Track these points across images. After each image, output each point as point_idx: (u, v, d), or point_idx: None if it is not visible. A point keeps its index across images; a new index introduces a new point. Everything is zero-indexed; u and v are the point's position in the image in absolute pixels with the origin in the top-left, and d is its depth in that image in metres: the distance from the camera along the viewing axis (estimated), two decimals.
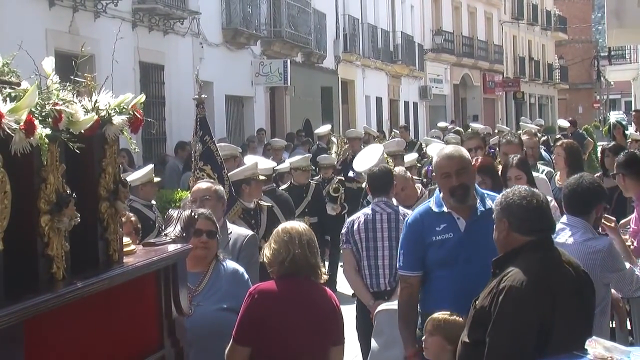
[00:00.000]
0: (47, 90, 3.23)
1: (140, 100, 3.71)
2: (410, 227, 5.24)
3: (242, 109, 21.87)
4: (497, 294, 3.89)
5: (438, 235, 5.08)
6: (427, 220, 5.15)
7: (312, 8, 24.79)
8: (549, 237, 4.13)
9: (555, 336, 3.81)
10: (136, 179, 9.44)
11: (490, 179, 6.55)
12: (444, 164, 5.09)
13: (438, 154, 5.28)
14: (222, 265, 5.19)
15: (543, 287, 3.87)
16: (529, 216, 4.03)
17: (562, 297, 3.89)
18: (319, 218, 11.19)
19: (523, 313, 3.83)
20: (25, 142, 2.89)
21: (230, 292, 4.99)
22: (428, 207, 5.20)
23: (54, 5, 13.91)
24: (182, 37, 18.13)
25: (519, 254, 3.99)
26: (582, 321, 3.95)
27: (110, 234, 3.57)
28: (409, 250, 5.21)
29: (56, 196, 3.13)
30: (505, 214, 4.08)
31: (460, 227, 5.05)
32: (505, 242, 4.09)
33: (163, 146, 17.36)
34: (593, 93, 61.14)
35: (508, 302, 3.83)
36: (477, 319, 4.00)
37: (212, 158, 7.40)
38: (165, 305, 3.95)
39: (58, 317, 3.06)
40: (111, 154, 3.59)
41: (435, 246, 5.07)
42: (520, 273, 3.88)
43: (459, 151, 5.23)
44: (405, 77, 34.60)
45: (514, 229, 4.05)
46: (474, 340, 3.99)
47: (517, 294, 3.83)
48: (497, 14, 46.52)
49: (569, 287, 3.94)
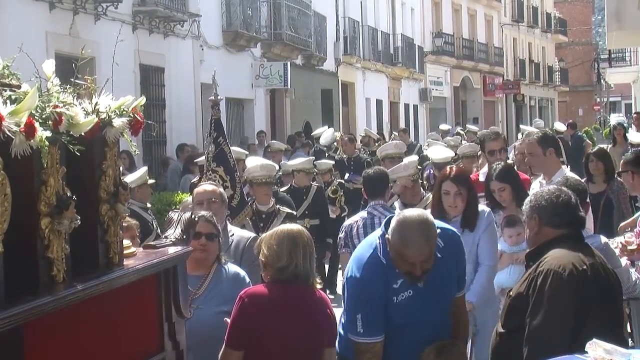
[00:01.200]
0: (48, 93, 3.23)
1: (141, 102, 3.71)
2: (366, 284, 4.38)
3: (242, 111, 21.87)
4: (535, 277, 3.99)
5: (398, 294, 4.37)
6: (381, 275, 4.36)
7: (313, 10, 24.80)
8: (580, 232, 4.25)
9: (589, 325, 3.85)
10: (131, 182, 9.43)
11: (466, 190, 6.11)
12: (411, 254, 4.23)
13: (401, 234, 4.23)
14: (224, 269, 5.16)
15: (581, 273, 3.95)
16: (558, 210, 4.17)
17: (597, 286, 3.97)
18: (320, 220, 11.19)
19: (562, 295, 3.91)
20: (25, 144, 2.89)
21: (231, 295, 4.88)
22: (377, 259, 4.38)
23: (54, 7, 13.92)
24: (183, 39, 18.13)
25: (551, 246, 4.10)
26: (615, 313, 4.05)
27: (111, 236, 3.57)
28: (369, 313, 4.37)
29: (56, 199, 3.13)
30: (536, 210, 4.20)
31: None
32: (537, 238, 4.20)
33: (163, 149, 17.37)
34: (593, 95, 61.16)
35: (547, 284, 3.93)
36: (514, 306, 4.09)
37: (225, 160, 7.33)
38: (165, 307, 3.94)
39: (58, 319, 3.05)
40: (111, 157, 3.58)
41: (395, 308, 4.37)
42: (557, 258, 4.00)
43: (429, 237, 4.24)
44: (405, 79, 34.61)
45: (545, 223, 4.17)
46: (512, 327, 4.06)
47: (555, 276, 3.93)
48: (497, 17, 46.53)
49: (603, 279, 4.03)
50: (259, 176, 8.57)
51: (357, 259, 4.47)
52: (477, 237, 6.09)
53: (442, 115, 38.60)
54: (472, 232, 6.07)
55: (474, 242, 6.07)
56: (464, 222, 6.08)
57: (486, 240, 6.13)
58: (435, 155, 11.53)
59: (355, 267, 4.43)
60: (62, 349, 3.14)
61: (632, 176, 7.03)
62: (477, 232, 6.10)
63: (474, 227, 6.09)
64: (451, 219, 5.98)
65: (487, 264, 6.10)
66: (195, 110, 18.61)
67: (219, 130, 7.42)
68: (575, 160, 20.91)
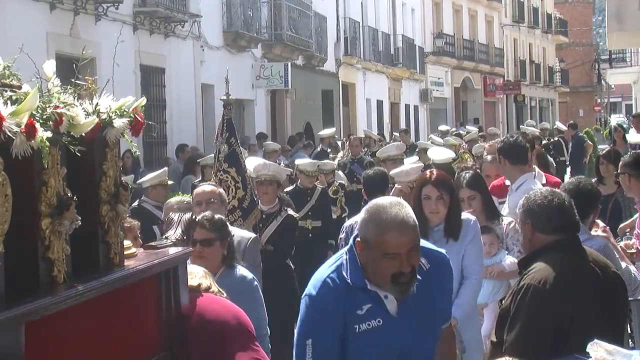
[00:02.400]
0: (48, 93, 3.23)
1: (141, 103, 3.70)
2: (321, 305, 3.58)
3: (243, 112, 21.87)
4: (516, 292, 3.91)
5: (361, 322, 3.56)
6: (343, 298, 3.56)
7: (313, 11, 24.81)
8: (574, 236, 4.08)
9: (574, 337, 3.79)
10: (146, 180, 9.66)
11: (448, 195, 5.63)
12: (393, 239, 3.44)
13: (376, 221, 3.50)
14: (233, 272, 5.07)
15: (562, 287, 3.85)
16: (550, 215, 4.01)
17: (583, 297, 3.87)
18: (323, 222, 11.18)
19: (539, 311, 3.82)
20: (26, 145, 2.89)
21: (235, 298, 4.84)
22: (340, 278, 3.59)
23: (55, 8, 13.93)
24: (183, 40, 18.14)
25: (542, 254, 3.98)
26: (606, 321, 3.91)
27: (111, 237, 3.56)
28: (321, 340, 3.57)
29: (57, 199, 3.13)
30: (529, 215, 4.06)
31: (391, 309, 3.57)
32: (530, 244, 4.07)
33: (164, 149, 17.38)
34: (594, 96, 61.18)
35: (525, 299, 3.84)
36: (502, 318, 4.01)
37: (237, 161, 7.29)
38: (166, 308, 3.94)
39: (59, 320, 3.05)
40: (112, 157, 3.58)
41: (356, 339, 3.56)
42: (541, 271, 3.88)
43: (409, 215, 3.52)
44: (406, 80, 34.62)
45: (538, 229, 4.03)
46: (499, 339, 3.99)
47: (534, 292, 3.83)
48: (498, 17, 46.55)
49: (592, 288, 3.92)
50: (259, 174, 8.56)
51: (316, 276, 3.67)
52: (462, 247, 5.61)
53: (442, 116, 38.61)
54: (456, 242, 5.58)
55: (459, 252, 5.58)
56: (448, 231, 5.60)
57: (472, 251, 5.65)
58: (436, 156, 11.49)
59: (313, 285, 3.65)
60: (63, 349, 3.13)
61: (629, 178, 7.03)
62: (462, 242, 5.62)
63: (458, 237, 5.60)
64: (432, 227, 5.59)
65: (474, 278, 5.67)
66: (196, 111, 18.61)
67: (231, 130, 7.39)
68: (576, 161, 20.94)
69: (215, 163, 7.39)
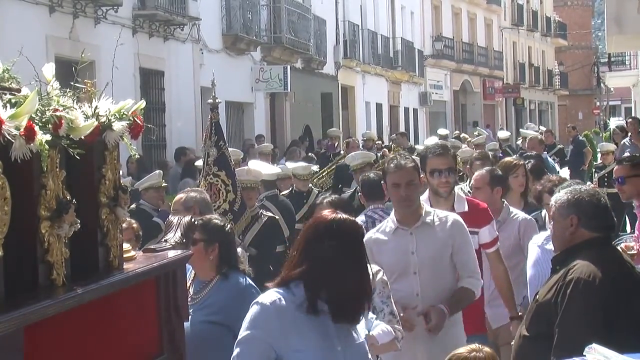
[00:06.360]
0: (48, 97, 3.23)
1: (141, 106, 3.71)
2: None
3: (242, 115, 21.88)
4: (563, 286, 3.95)
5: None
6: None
7: (312, 14, 24.82)
8: (611, 236, 4.26)
9: (617, 332, 3.84)
10: (139, 183, 9.74)
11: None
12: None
13: None
14: (228, 278, 4.89)
15: (609, 281, 3.94)
16: (598, 213, 4.12)
17: (626, 292, 3.96)
18: None
19: (592, 304, 3.89)
20: (25, 148, 2.89)
21: (228, 306, 4.70)
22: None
23: (54, 11, 13.93)
24: (183, 43, 18.14)
25: (582, 250, 4.07)
26: None
27: (110, 240, 3.56)
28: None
29: (56, 202, 3.13)
30: (575, 209, 4.12)
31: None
32: (571, 238, 4.14)
33: (163, 152, 17.37)
34: (593, 99, 61.11)
35: (577, 293, 3.90)
36: (540, 313, 4.06)
37: (226, 164, 7.27)
38: (165, 311, 3.94)
39: (58, 323, 3.05)
40: (111, 160, 3.58)
41: None
42: (587, 266, 3.97)
43: None
44: (405, 83, 34.63)
45: (583, 225, 4.11)
46: (535, 333, 4.04)
47: (585, 285, 3.90)
48: (497, 20, 46.56)
49: (632, 284, 4.03)
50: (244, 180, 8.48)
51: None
52: None
53: (441, 119, 38.61)
54: None
55: None
56: None
57: None
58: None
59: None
60: (62, 353, 3.13)
61: None
62: None
63: None
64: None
65: None
66: (195, 114, 18.61)
67: (219, 133, 7.38)
68: (576, 166, 20.88)
69: (204, 167, 7.35)
